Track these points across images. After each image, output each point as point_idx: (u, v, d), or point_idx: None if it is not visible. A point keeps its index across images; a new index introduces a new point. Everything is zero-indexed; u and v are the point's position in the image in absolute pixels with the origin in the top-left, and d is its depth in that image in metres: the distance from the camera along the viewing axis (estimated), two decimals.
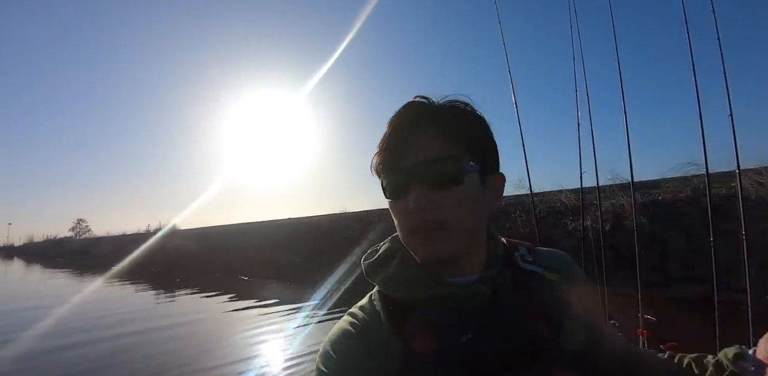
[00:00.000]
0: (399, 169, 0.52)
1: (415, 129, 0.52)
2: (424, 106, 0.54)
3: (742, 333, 1.94)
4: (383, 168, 0.54)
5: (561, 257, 0.64)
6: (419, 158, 0.51)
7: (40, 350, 4.97)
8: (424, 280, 0.53)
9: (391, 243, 0.61)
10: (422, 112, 0.53)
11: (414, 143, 0.52)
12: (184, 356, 4.52)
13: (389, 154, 0.53)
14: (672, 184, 7.05)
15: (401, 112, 0.54)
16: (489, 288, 0.53)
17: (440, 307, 0.52)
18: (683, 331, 2.07)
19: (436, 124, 0.52)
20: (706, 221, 5.87)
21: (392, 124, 0.54)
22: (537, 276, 0.57)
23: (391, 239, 0.61)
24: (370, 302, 0.57)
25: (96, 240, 28.86)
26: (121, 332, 5.74)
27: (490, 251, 0.57)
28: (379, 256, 0.59)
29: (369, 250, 0.62)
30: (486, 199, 0.55)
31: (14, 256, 37.81)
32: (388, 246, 0.60)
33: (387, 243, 0.61)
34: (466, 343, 0.48)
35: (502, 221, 7.48)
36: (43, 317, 6.65)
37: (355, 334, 0.52)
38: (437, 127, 0.52)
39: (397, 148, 0.53)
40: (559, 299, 0.55)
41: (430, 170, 0.51)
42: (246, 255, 13.21)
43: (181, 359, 4.42)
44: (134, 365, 4.33)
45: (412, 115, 0.53)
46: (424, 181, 0.50)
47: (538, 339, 0.50)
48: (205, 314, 7.10)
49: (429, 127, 0.52)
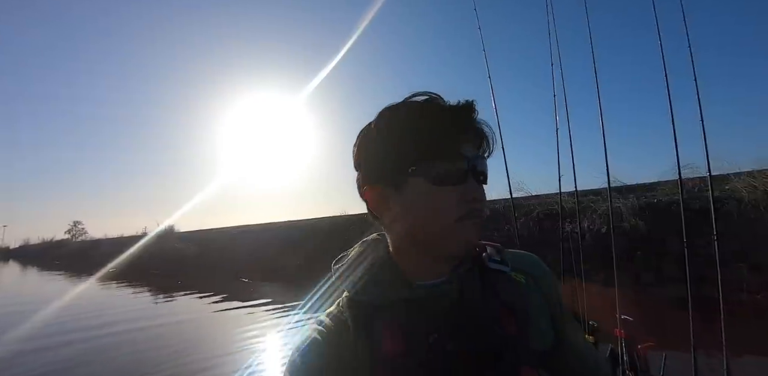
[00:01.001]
0: (458, 156, 0.51)
1: (470, 122, 0.53)
2: (467, 103, 0.53)
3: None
4: (436, 150, 0.51)
5: (529, 259, 0.64)
6: (474, 152, 0.53)
7: (29, 348, 5.16)
8: (392, 283, 0.53)
9: (361, 247, 0.61)
10: (471, 108, 0.53)
11: (470, 135, 0.53)
12: (188, 353, 4.61)
13: (444, 136, 0.51)
14: (667, 187, 7.17)
15: (446, 105, 0.53)
16: (457, 288, 0.53)
17: (408, 308, 0.51)
18: (673, 329, 2.16)
19: (482, 124, 0.54)
20: (699, 222, 6.00)
21: (442, 112, 0.52)
22: (504, 276, 0.57)
23: (360, 243, 0.61)
24: (338, 308, 0.57)
25: (94, 242, 28.71)
26: (127, 327, 5.84)
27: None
28: (348, 260, 0.59)
29: (340, 255, 0.61)
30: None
31: (9, 258, 37.64)
32: (358, 250, 0.60)
33: (357, 248, 0.61)
34: (433, 343, 0.48)
35: (501, 223, 7.59)
36: (39, 318, 6.74)
37: (322, 340, 0.52)
38: (483, 126, 0.54)
39: (455, 133, 0.51)
40: (526, 297, 0.56)
41: (483, 166, 0.53)
42: (246, 257, 13.26)
43: (186, 355, 4.51)
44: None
45: (466, 108, 0.53)
46: (477, 175, 0.52)
47: (505, 338, 0.50)
48: (201, 314, 7.19)
49: (478, 125, 0.54)
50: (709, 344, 2.12)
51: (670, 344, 2.11)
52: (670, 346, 2.82)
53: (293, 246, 12.05)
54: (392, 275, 0.54)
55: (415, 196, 0.51)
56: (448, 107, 0.52)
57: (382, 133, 0.53)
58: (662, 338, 2.20)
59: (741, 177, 6.44)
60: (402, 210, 0.52)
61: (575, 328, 0.60)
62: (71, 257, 26.80)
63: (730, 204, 5.87)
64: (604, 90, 2.91)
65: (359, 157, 0.57)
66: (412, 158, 0.51)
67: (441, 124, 0.51)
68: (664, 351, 2.35)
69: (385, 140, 0.53)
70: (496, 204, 8.09)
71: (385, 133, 0.53)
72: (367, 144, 0.56)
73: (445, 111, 0.52)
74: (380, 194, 0.54)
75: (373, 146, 0.55)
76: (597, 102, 2.67)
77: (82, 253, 26.09)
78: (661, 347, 2.31)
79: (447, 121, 0.51)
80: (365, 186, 0.56)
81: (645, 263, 5.90)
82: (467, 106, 0.52)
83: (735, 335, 2.26)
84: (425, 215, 0.51)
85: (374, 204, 0.56)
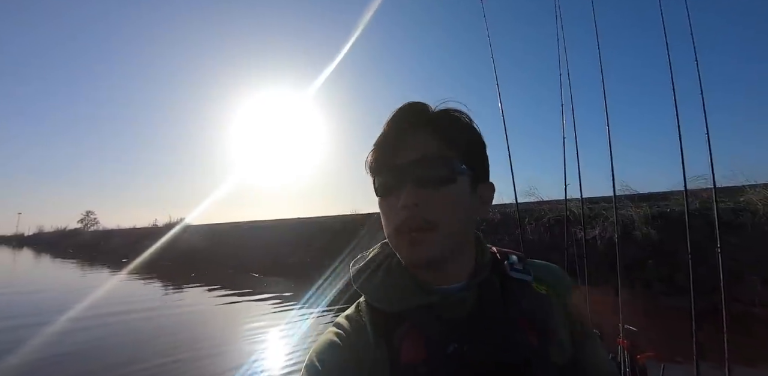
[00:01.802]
0: (391, 166, 0.52)
1: (410, 129, 0.53)
2: (421, 108, 0.54)
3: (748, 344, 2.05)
4: (376, 166, 0.54)
5: (552, 270, 0.62)
6: (412, 156, 0.51)
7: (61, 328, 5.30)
8: (410, 289, 0.52)
9: (381, 249, 0.60)
10: (419, 113, 0.54)
11: (408, 142, 0.52)
12: (200, 340, 4.76)
13: (382, 152, 0.53)
14: (681, 197, 7.13)
15: (397, 113, 0.54)
16: (476, 296, 0.52)
17: (427, 316, 0.51)
18: (678, 338, 2.19)
19: (431, 125, 0.53)
20: (711, 233, 5.96)
21: (388, 123, 0.54)
22: (526, 285, 0.56)
23: (381, 244, 0.61)
24: (357, 312, 0.56)
25: (107, 232, 29.20)
26: (145, 315, 6.02)
27: (477, 258, 0.57)
28: (367, 262, 0.59)
29: (359, 255, 0.61)
30: (475, 205, 0.55)
31: (24, 246, 38.41)
32: (376, 252, 0.60)
33: (376, 249, 0.61)
34: (452, 353, 0.47)
35: (511, 228, 7.62)
36: (58, 309, 6.94)
37: (341, 345, 0.51)
38: (433, 128, 0.53)
39: (390, 146, 0.53)
40: (548, 309, 0.55)
41: (422, 168, 0.51)
42: (257, 253, 13.43)
43: (198, 342, 4.66)
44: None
45: (409, 115, 0.54)
46: (415, 180, 0.50)
47: (525, 349, 0.49)
48: (212, 306, 7.34)
49: (424, 128, 0.53)
50: (715, 354, 2.15)
51: (677, 352, 2.14)
52: (677, 355, 2.87)
53: (303, 243, 12.19)
54: (409, 279, 0.53)
55: (379, 208, 0.55)
56: (392, 118, 0.54)
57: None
58: (667, 347, 2.23)
59: (756, 189, 6.40)
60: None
61: (596, 344, 0.58)
62: (84, 246, 27.29)
63: (745, 216, 5.84)
64: (616, 98, 2.94)
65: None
66: (372, 175, 0.55)
67: (384, 138, 0.54)
68: (664, 361, 2.37)
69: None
70: (507, 209, 8.13)
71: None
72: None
73: (391, 122, 0.54)
74: (379, 203, 0.56)
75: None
76: (604, 110, 2.72)
77: (95, 242, 26.55)
78: (669, 356, 2.34)
79: (390, 131, 0.53)
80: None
81: (657, 272, 5.89)
82: (408, 110, 0.54)
83: (746, 347, 2.29)
84: (384, 225, 0.54)
85: (380, 211, 0.57)
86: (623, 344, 2.22)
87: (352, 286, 0.57)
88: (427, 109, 0.54)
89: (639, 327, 2.31)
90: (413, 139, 0.52)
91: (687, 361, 2.27)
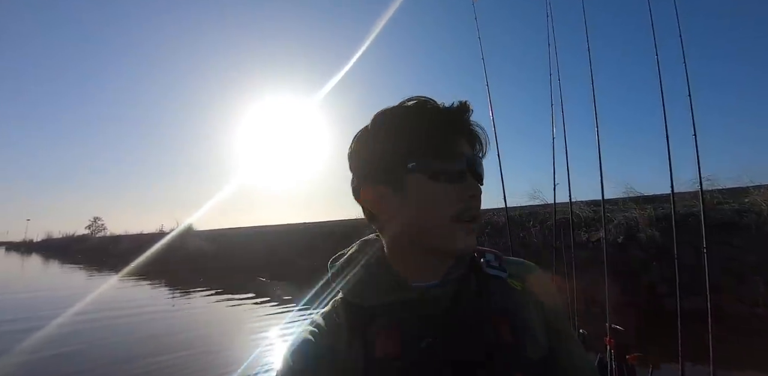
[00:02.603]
0: (457, 155, 0.52)
1: (465, 123, 0.54)
2: (462, 104, 0.54)
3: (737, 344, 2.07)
4: (437, 150, 0.51)
5: (527, 267, 0.63)
6: (471, 151, 0.54)
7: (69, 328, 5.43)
8: (388, 285, 0.53)
9: (359, 247, 0.61)
10: (463, 109, 0.54)
11: (467, 135, 0.54)
12: (207, 338, 4.87)
13: (444, 137, 0.52)
14: (686, 198, 7.16)
15: (441, 107, 0.53)
16: (452, 292, 0.53)
17: (403, 312, 0.51)
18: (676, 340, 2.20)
19: (474, 124, 0.55)
20: (717, 234, 5.99)
21: (438, 112, 0.53)
22: (501, 281, 0.57)
23: (359, 242, 0.62)
24: (332, 309, 0.56)
25: (115, 238, 29.42)
26: (154, 316, 6.13)
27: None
28: (345, 260, 0.59)
29: (338, 253, 0.62)
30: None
31: (33, 252, 38.79)
32: (355, 250, 0.60)
33: (354, 247, 0.61)
34: (425, 348, 0.48)
35: (516, 230, 7.67)
36: (69, 308, 7.10)
37: (314, 341, 0.52)
38: (476, 128, 0.55)
39: (452, 134, 0.53)
40: (521, 305, 0.55)
41: (480, 165, 0.54)
42: (264, 257, 13.54)
43: (204, 340, 4.77)
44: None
45: (458, 110, 0.54)
46: (476, 172, 0.53)
47: (499, 345, 0.49)
48: (221, 308, 7.44)
49: (471, 126, 0.55)
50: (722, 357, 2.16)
51: (676, 354, 2.17)
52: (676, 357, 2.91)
53: (309, 247, 12.28)
54: (387, 276, 0.54)
55: (413, 192, 0.51)
56: (443, 108, 0.53)
57: (380, 134, 0.54)
58: (663, 348, 2.25)
59: (761, 190, 6.42)
60: (399, 208, 0.52)
61: (573, 340, 0.59)
62: (92, 251, 27.54)
63: (749, 217, 5.86)
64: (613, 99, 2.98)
65: (356, 159, 0.57)
66: (411, 156, 0.51)
67: (437, 123, 0.52)
68: (663, 362, 2.39)
69: (383, 140, 0.53)
70: (511, 212, 8.18)
71: (382, 134, 0.53)
72: (363, 145, 0.55)
73: (441, 112, 0.53)
74: (377, 193, 0.54)
75: (370, 147, 0.54)
76: (593, 111, 2.77)
77: (103, 248, 26.77)
78: (670, 358, 2.37)
79: (443, 120, 0.52)
80: (363, 186, 0.55)
81: (660, 274, 5.92)
82: (462, 107, 0.53)
83: (751, 348, 2.31)
84: (423, 212, 0.51)
85: (371, 204, 0.55)
86: (610, 344, 2.23)
87: (330, 284, 0.58)
88: (464, 105, 0.54)
89: (646, 329, 2.33)
90: (469, 133, 0.54)
91: (699, 362, 2.31)
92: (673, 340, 2.12)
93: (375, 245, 0.59)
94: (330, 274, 0.59)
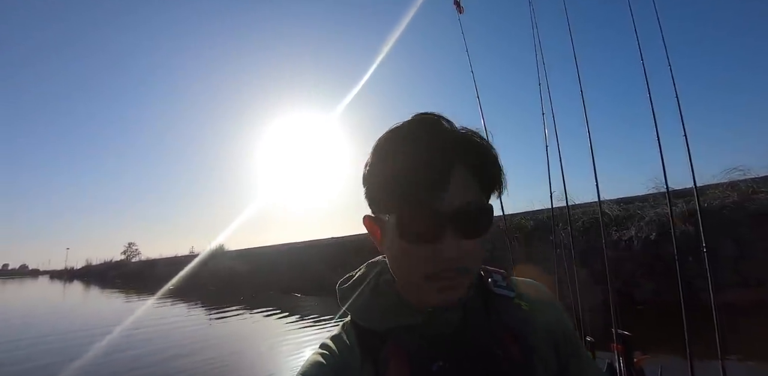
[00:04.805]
0: (431, 213, 0.45)
1: (443, 163, 0.45)
2: (448, 131, 0.48)
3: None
4: (404, 202, 0.46)
5: (534, 287, 0.62)
6: (455, 203, 0.45)
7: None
8: (396, 308, 0.52)
9: (367, 269, 0.60)
10: (449, 139, 0.47)
11: (447, 182, 0.45)
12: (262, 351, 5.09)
13: (415, 190, 0.45)
14: (718, 190, 7.01)
15: (422, 133, 0.47)
16: (461, 314, 0.52)
17: (413, 335, 0.51)
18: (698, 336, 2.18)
19: (467, 159, 0.47)
20: (755, 225, 5.84)
21: (414, 143, 0.46)
22: (508, 301, 0.56)
23: (367, 264, 0.61)
24: (343, 332, 0.56)
25: (151, 262, 30.32)
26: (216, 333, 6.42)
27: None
28: (353, 282, 0.59)
29: (346, 276, 0.61)
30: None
31: (74, 279, 40.41)
32: (363, 272, 0.60)
33: (362, 269, 0.60)
34: (437, 371, 0.48)
35: (546, 234, 7.66)
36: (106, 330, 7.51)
37: (327, 365, 0.51)
38: (470, 164, 0.47)
39: (427, 185, 0.44)
40: (530, 325, 0.54)
41: (467, 219, 0.46)
42: (296, 274, 13.80)
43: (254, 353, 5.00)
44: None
45: (439, 141, 0.46)
46: (458, 230, 0.45)
47: (510, 365, 0.49)
48: (269, 325, 7.70)
49: (459, 163, 0.46)
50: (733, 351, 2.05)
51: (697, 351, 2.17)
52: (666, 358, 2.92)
53: (339, 262, 12.46)
54: (395, 300, 0.53)
55: (390, 244, 0.49)
56: (431, 144, 0.46)
57: (370, 169, 0.50)
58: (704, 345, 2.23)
59: None
60: (386, 247, 0.51)
61: (585, 360, 0.58)
62: (131, 275, 28.53)
63: None
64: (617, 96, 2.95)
65: (363, 183, 0.53)
66: (387, 206, 0.48)
67: (417, 169, 0.45)
68: (661, 362, 2.39)
69: (371, 177, 0.50)
70: (538, 215, 8.19)
71: (372, 171, 0.50)
72: (364, 174, 0.52)
73: (427, 149, 0.46)
74: (371, 225, 0.53)
75: (365, 179, 0.52)
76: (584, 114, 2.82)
77: (140, 272, 27.68)
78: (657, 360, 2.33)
79: (426, 163, 0.45)
80: (367, 212, 0.54)
81: (696, 269, 5.83)
82: (457, 141, 0.47)
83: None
84: (395, 263, 0.50)
85: (369, 231, 0.54)
86: (618, 349, 2.23)
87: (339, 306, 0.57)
88: (453, 132, 0.48)
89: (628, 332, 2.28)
90: (452, 179, 0.45)
91: (708, 357, 2.26)
92: (708, 334, 2.13)
93: (382, 267, 0.58)
94: (338, 296, 0.58)
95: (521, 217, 8.68)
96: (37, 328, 9.03)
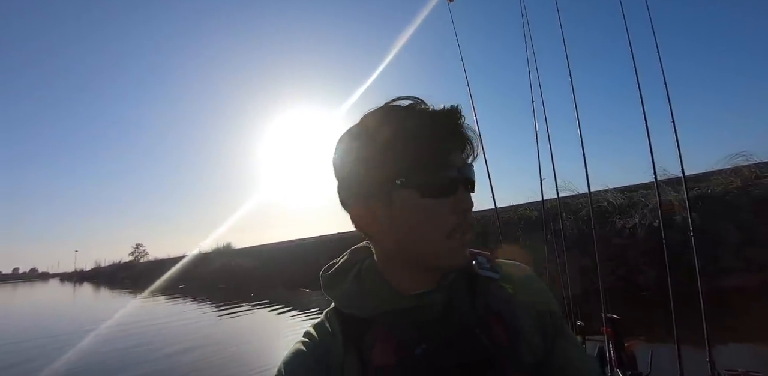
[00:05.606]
0: (447, 165, 0.49)
1: (455, 128, 0.50)
2: (453, 109, 0.51)
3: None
4: (426, 162, 0.48)
5: (519, 269, 0.62)
6: (462, 160, 0.51)
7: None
8: (380, 294, 0.52)
9: (350, 255, 0.60)
10: (454, 113, 0.50)
11: (457, 142, 0.50)
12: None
13: (434, 148, 0.48)
14: (721, 177, 7.02)
15: (431, 111, 0.50)
16: (446, 297, 0.52)
17: (397, 320, 0.51)
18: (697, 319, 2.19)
19: (466, 128, 0.51)
20: (758, 211, 5.87)
21: (428, 118, 0.49)
22: (494, 283, 0.56)
23: (350, 251, 0.60)
24: (326, 320, 0.55)
25: (159, 262, 30.42)
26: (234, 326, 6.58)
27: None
28: (336, 269, 0.58)
29: (329, 263, 0.60)
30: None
31: (84, 281, 40.75)
32: (346, 258, 0.59)
33: (346, 255, 0.60)
34: (422, 355, 0.48)
35: (548, 223, 7.70)
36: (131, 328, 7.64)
37: (308, 353, 0.51)
38: (468, 131, 0.51)
39: (442, 143, 0.49)
40: (514, 307, 0.54)
41: (471, 172, 0.51)
42: (304, 269, 13.92)
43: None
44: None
45: (448, 114, 0.50)
46: (468, 183, 0.50)
47: (494, 347, 0.49)
48: (276, 318, 7.85)
49: (464, 131, 0.51)
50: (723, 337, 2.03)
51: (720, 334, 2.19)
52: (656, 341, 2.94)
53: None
54: (380, 285, 0.53)
55: (404, 209, 0.48)
56: (433, 113, 0.50)
57: (366, 144, 0.50)
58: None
59: None
60: (391, 224, 0.50)
61: (571, 341, 0.58)
62: (139, 276, 28.66)
63: None
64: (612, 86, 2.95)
65: (343, 171, 0.53)
66: (398, 170, 0.48)
67: (427, 132, 0.48)
68: (652, 347, 2.40)
69: (369, 151, 0.49)
70: (547, 204, 8.23)
71: (368, 144, 0.50)
72: (348, 155, 0.52)
73: (431, 117, 0.49)
74: (367, 209, 0.51)
75: (356, 158, 0.51)
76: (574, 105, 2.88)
77: (148, 272, 27.82)
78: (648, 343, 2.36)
79: (433, 128, 0.48)
80: (352, 201, 0.53)
81: (701, 254, 5.88)
82: (453, 112, 0.50)
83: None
84: (415, 229, 0.49)
85: (362, 219, 0.53)
86: (608, 332, 2.26)
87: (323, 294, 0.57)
88: (456, 109, 0.51)
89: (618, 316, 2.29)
90: (461, 139, 0.50)
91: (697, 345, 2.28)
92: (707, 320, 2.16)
93: (366, 253, 0.58)
94: (322, 283, 0.58)
95: (525, 207, 8.75)
96: (48, 329, 9.30)
